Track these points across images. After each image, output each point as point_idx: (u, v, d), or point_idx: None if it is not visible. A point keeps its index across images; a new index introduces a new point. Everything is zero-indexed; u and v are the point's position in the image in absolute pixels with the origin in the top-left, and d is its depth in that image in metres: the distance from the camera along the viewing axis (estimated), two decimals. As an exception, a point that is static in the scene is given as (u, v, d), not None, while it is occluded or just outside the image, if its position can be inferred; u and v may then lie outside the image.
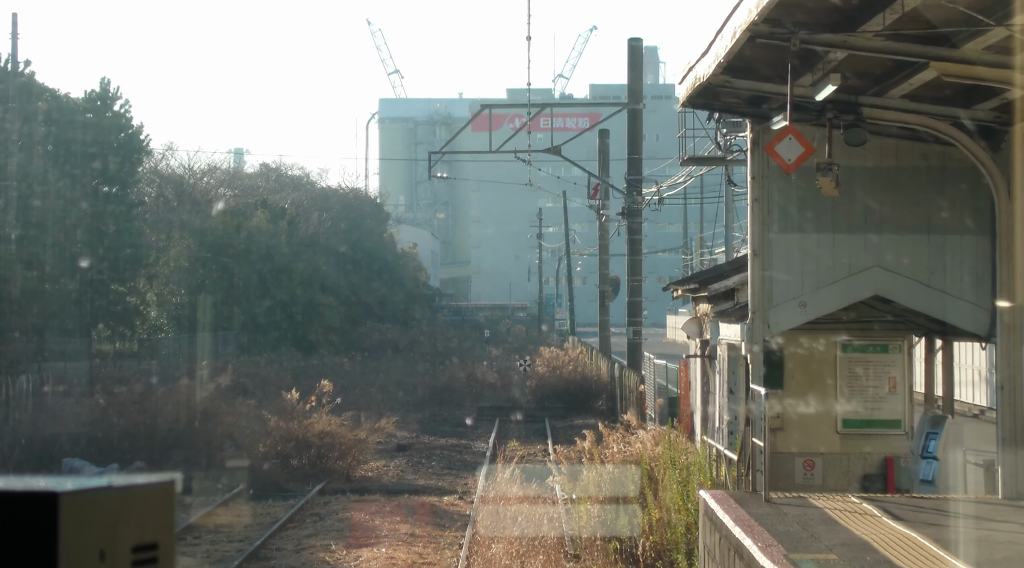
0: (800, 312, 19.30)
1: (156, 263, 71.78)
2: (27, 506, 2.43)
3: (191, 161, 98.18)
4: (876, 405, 23.13)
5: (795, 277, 19.27)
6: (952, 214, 18.92)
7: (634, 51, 43.25)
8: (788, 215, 19.31)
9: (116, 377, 47.83)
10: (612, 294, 65.12)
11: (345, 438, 33.04)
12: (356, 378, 57.96)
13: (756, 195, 19.30)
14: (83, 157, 62.40)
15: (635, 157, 45.69)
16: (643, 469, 21.60)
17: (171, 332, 69.47)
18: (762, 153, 19.30)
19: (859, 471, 23.40)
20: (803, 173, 19.15)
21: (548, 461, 36.26)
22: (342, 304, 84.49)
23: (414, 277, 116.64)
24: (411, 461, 36.64)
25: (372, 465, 35.20)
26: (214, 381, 38.81)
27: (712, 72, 16.56)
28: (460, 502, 29.29)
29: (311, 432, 32.59)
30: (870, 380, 22.90)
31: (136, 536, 2.58)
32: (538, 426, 47.29)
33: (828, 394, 22.79)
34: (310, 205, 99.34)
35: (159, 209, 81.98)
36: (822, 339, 22.14)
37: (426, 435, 43.84)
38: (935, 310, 19.10)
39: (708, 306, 24.64)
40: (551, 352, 62.69)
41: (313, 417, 33.41)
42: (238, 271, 73.22)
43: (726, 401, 21.92)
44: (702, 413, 24.81)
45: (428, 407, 52.63)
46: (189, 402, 34.00)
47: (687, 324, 26.00)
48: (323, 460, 32.70)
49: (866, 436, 23.21)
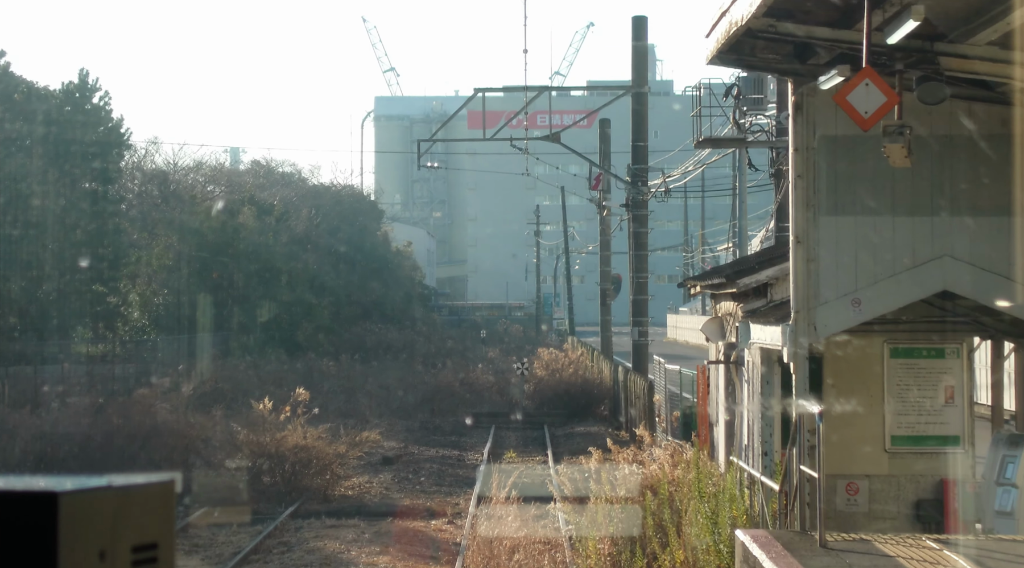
0: (853, 311, 16.01)
1: (138, 262, 69.69)
2: (27, 506, 2.44)
3: (176, 157, 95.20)
4: (930, 419, 19.86)
5: (847, 269, 15.98)
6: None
7: (638, 27, 39.91)
8: (839, 194, 16.01)
9: (87, 383, 44.66)
10: (613, 292, 62.15)
11: (323, 452, 29.73)
12: (344, 382, 54.72)
13: (800, 170, 15.99)
14: (60, 151, 60.72)
15: (640, 144, 42.39)
16: (662, 497, 18.29)
17: (154, 334, 67.23)
18: (807, 119, 16.00)
19: (911, 495, 20.13)
20: (857, 142, 15.84)
21: (548, 475, 32.95)
22: (333, 304, 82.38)
23: (409, 276, 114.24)
24: (397, 476, 33.30)
25: (354, 481, 31.88)
26: (181, 389, 35.46)
27: (753, 13, 13.28)
28: (449, 527, 25.96)
29: (285, 446, 29.26)
30: (923, 390, 19.63)
31: (136, 536, 2.58)
32: (537, 434, 44.02)
33: (873, 406, 19.53)
34: (300, 202, 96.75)
35: (143, 206, 79.96)
36: (865, 341, 18.86)
37: (416, 445, 40.52)
38: (1018, 308, 15.78)
39: (733, 304, 21.33)
40: (550, 354, 59.36)
41: (288, 429, 30.11)
42: (224, 270, 70.63)
43: (759, 416, 18.63)
44: (726, 428, 21.51)
45: (419, 413, 49.32)
46: (150, 413, 30.66)
47: (707, 325, 22.69)
48: (298, 477, 29.39)
49: (918, 455, 19.95)
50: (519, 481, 27.32)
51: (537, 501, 25.03)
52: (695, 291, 24.10)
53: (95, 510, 2.49)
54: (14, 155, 56.58)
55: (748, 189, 67.67)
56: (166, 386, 34.92)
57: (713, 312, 23.72)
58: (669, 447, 22.86)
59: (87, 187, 63.38)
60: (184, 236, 70.85)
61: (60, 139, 61.99)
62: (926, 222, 15.89)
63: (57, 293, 61.26)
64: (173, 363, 54.99)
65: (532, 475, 33.38)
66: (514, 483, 27.55)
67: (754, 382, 19.21)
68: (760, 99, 27.80)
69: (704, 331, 22.81)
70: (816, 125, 15.95)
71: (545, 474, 33.16)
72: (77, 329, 65.55)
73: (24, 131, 58.31)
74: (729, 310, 22.00)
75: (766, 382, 18.42)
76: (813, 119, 15.92)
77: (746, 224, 38.79)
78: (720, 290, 21.14)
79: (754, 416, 19.41)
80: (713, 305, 23.75)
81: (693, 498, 16.82)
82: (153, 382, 35.68)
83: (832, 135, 15.98)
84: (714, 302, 23.76)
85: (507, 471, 33.65)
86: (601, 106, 45.56)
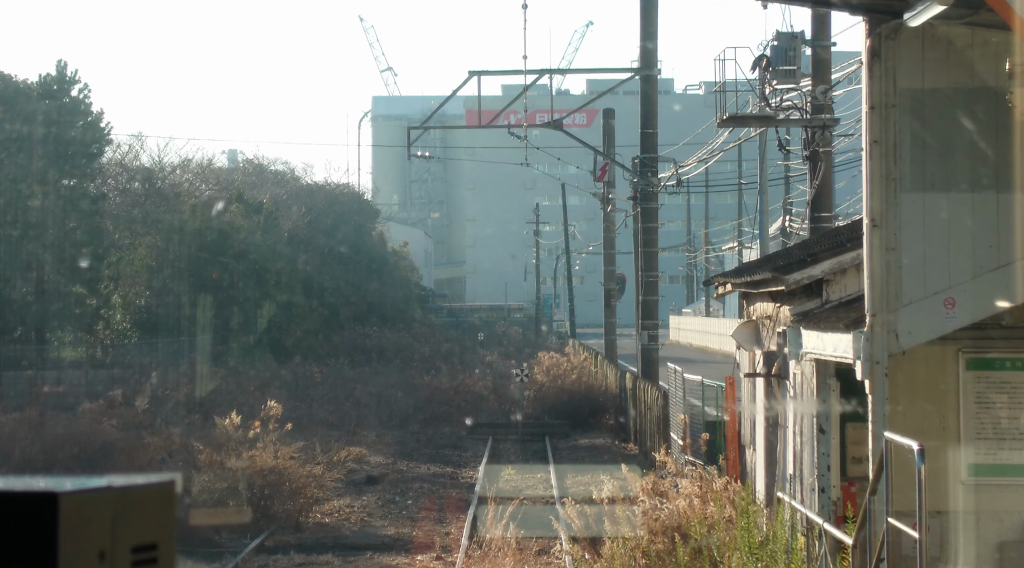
0: (945, 314, 12.51)
1: (120, 263, 67.33)
2: (27, 506, 2.45)
3: (162, 153, 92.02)
4: (1017, 444, 16.38)
5: (937, 261, 12.48)
6: None
7: (648, 1, 36.31)
8: (927, 164, 12.50)
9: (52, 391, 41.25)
10: (618, 293, 58.84)
11: (296, 474, 26.21)
12: (333, 389, 51.21)
13: (876, 134, 12.47)
14: (37, 147, 58.78)
15: (649, 132, 38.85)
16: (694, 544, 14.76)
17: (136, 337, 64.74)
18: (886, 70, 12.46)
19: (993, 536, 16.64)
20: (952, 98, 12.30)
21: (550, 496, 29.46)
22: (324, 306, 79.74)
23: (405, 277, 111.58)
24: (382, 498, 29.74)
25: (334, 505, 28.36)
26: (135, 403, 31.89)
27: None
28: (437, 564, 22.42)
29: (252, 468, 25.73)
30: (1010, 409, 16.14)
31: (136, 536, 2.59)
32: (538, 446, 40.50)
33: (947, 428, 16.04)
34: (291, 200, 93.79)
35: (128, 205, 77.43)
36: (935, 350, 15.35)
37: (404, 460, 36.97)
38: None
39: (773, 306, 17.81)
40: (551, 358, 55.77)
41: (258, 446, 26.60)
42: (209, 270, 67.75)
43: (814, 444, 15.13)
44: (766, 454, 17.97)
45: (411, 423, 45.78)
46: (98, 430, 27.11)
47: (739, 331, 19.17)
48: (268, 502, 25.86)
49: (1003, 487, 16.47)
50: (519, 510, 23.87)
51: (540, 536, 21.53)
52: (723, 290, 20.54)
53: (95, 510, 2.50)
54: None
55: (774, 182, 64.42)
56: (118, 400, 31.30)
57: (745, 315, 20.20)
58: (694, 474, 19.35)
59: (66, 184, 61.80)
60: (168, 235, 68.33)
61: (37, 134, 60.54)
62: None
63: (34, 295, 59.62)
64: (155, 368, 51.73)
65: (533, 495, 29.89)
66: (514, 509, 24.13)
67: (804, 400, 15.71)
68: (792, 71, 24.28)
69: (736, 338, 19.29)
70: (898, 76, 12.43)
71: (547, 495, 29.67)
72: (57, 333, 63.68)
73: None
74: (766, 312, 18.48)
75: (822, 401, 14.90)
76: (894, 69, 12.40)
77: (767, 217, 35.18)
78: (759, 288, 17.61)
79: (804, 442, 15.91)
80: (746, 307, 20.23)
81: (739, 550, 13.30)
82: (110, 394, 32.14)
83: (918, 89, 12.47)
84: (747, 303, 20.25)
85: (505, 492, 30.14)
86: (605, 92, 42.02)
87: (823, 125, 23.86)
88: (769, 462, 17.85)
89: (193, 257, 66.85)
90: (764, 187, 34.07)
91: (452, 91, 39.79)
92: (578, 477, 32.56)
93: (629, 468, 20.77)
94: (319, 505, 27.63)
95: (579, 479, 32.32)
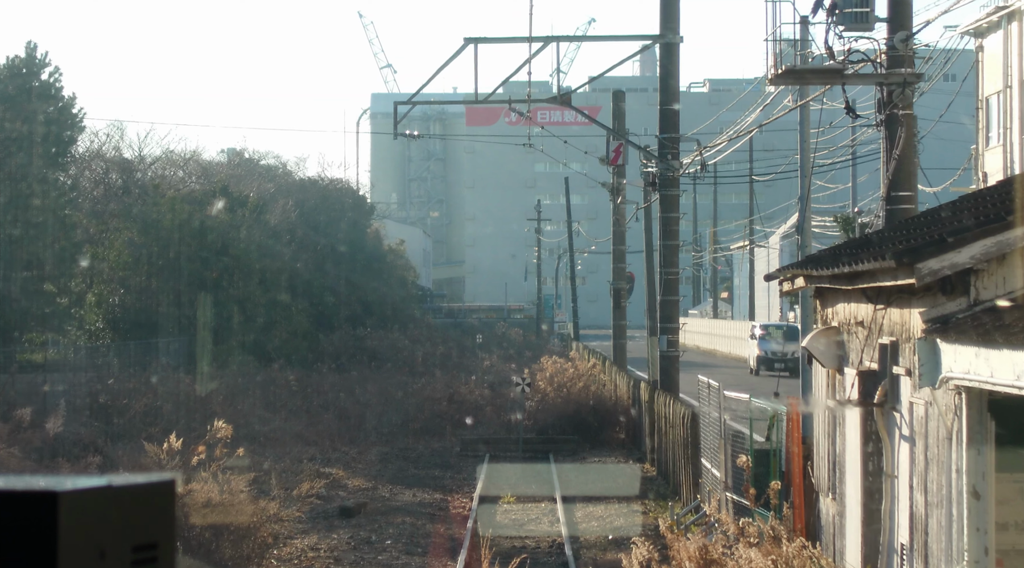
0: None
1: (94, 259, 63.19)
2: (27, 505, 2.41)
3: (141, 143, 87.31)
4: None
5: None
6: None
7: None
8: None
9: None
10: (627, 293, 54.14)
11: (244, 512, 21.27)
12: (312, 399, 46.31)
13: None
14: (3, 133, 54.84)
15: (669, 108, 33.97)
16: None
17: (111, 338, 60.57)
18: None
19: None
20: None
21: (557, 534, 24.53)
22: (315, 306, 75.11)
23: (402, 276, 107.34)
24: (355, 537, 24.71)
25: (296, 547, 23.43)
26: (46, 425, 26.81)
27: None
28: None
29: (191, 505, 20.79)
30: None
31: (136, 535, 2.55)
32: (541, 466, 35.54)
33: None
34: (280, 195, 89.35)
35: (108, 198, 73.37)
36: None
37: (388, 484, 31.99)
38: None
39: (869, 307, 12.87)
40: (554, 364, 50.77)
41: (201, 476, 21.68)
42: (189, 268, 63.24)
43: (954, 511, 10.18)
44: (864, 511, 13.01)
45: (398, 438, 40.77)
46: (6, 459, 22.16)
47: (815, 341, 14.27)
48: (211, 548, 20.94)
49: None
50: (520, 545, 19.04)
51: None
52: (792, 286, 15.42)
53: (95, 510, 2.46)
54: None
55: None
56: (26, 421, 26.16)
57: (820, 319, 15.25)
58: (750, 528, 14.45)
59: (34, 173, 57.86)
60: (146, 230, 63.88)
61: (3, 119, 56.70)
62: None
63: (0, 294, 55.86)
64: (112, 376, 46.95)
65: (537, 532, 24.96)
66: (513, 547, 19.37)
67: (936, 444, 10.77)
68: (865, 15, 19.34)
69: (811, 349, 14.36)
70: None
71: (555, 533, 24.72)
72: (25, 334, 60.06)
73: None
74: (856, 316, 13.55)
75: (975, 450, 9.95)
76: None
77: (809, 203, 30.14)
78: (853, 283, 12.56)
79: (931, 503, 10.96)
80: (820, 309, 15.31)
81: None
82: (17, 413, 27.03)
83: None
84: (821, 304, 15.32)
85: (503, 528, 25.21)
86: (618, 64, 37.11)
87: (904, 81, 18.91)
88: (868, 521, 12.93)
89: (172, 254, 62.54)
90: (807, 167, 29.06)
91: (447, 59, 34.84)
92: (590, 508, 27.65)
93: (656, 503, 15.91)
94: (277, 547, 22.73)
95: (591, 511, 27.41)
